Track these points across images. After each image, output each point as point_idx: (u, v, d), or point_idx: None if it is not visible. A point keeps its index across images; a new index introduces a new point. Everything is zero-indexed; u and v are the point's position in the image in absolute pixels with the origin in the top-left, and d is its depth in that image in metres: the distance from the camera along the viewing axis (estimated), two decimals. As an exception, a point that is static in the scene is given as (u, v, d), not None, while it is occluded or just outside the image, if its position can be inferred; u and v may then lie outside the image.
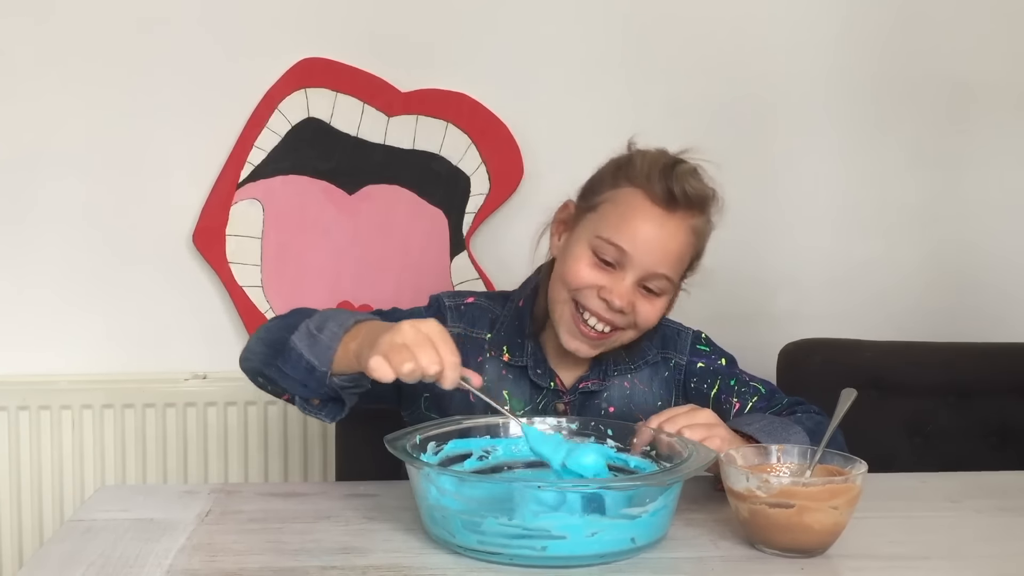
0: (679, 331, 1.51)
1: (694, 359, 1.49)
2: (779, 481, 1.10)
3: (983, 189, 2.23)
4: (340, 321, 1.24)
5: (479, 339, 1.46)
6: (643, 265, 1.36)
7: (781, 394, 1.48)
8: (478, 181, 2.13)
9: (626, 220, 1.36)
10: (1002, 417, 1.84)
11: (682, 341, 1.50)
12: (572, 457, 1.19)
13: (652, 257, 1.36)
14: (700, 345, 1.51)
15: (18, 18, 2.04)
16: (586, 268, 1.37)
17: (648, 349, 1.47)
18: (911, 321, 2.18)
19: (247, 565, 1.07)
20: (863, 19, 2.18)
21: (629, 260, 1.35)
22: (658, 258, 1.36)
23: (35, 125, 2.06)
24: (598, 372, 1.45)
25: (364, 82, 2.10)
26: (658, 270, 1.36)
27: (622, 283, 1.36)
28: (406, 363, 1.12)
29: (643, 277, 1.36)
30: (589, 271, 1.37)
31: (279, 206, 2.11)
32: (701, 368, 1.49)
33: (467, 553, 1.09)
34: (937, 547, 1.15)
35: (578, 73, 2.13)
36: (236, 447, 2.10)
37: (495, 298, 1.52)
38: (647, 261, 1.35)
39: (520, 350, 1.45)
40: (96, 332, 2.11)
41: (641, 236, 1.35)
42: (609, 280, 1.36)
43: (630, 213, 1.36)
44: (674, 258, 1.37)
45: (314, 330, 1.24)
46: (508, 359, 1.44)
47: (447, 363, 1.14)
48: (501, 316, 1.48)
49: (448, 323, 1.44)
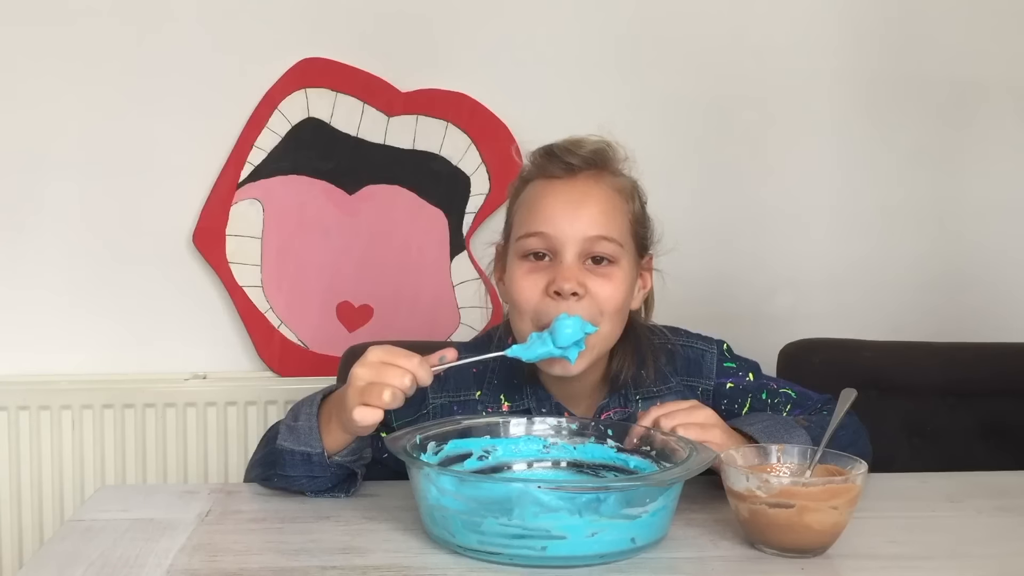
0: (703, 353, 1.44)
1: (722, 380, 1.43)
2: (779, 481, 1.10)
3: (983, 189, 2.23)
4: (308, 403, 1.25)
5: (469, 401, 1.38)
6: (573, 236, 1.30)
7: (810, 395, 1.45)
8: (478, 181, 2.13)
9: (535, 206, 1.33)
10: (1002, 417, 1.84)
11: (707, 364, 1.43)
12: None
13: (577, 224, 1.30)
14: (726, 362, 1.45)
15: (18, 18, 2.04)
16: (524, 277, 1.31)
17: (671, 375, 1.41)
18: (911, 321, 2.18)
19: (247, 565, 1.07)
20: (862, 19, 2.18)
21: (557, 241, 1.30)
22: (584, 223, 1.30)
23: (36, 125, 2.06)
24: (618, 399, 1.39)
25: (364, 82, 2.10)
26: (590, 232, 1.30)
27: (563, 265, 1.29)
28: (384, 394, 1.13)
29: (582, 250, 1.30)
30: (528, 279, 1.31)
31: (279, 206, 2.11)
32: (731, 389, 1.43)
33: (467, 553, 1.09)
34: (937, 547, 1.15)
35: (578, 73, 2.14)
36: (236, 447, 2.10)
37: (478, 345, 1.43)
38: (573, 230, 1.30)
39: (519, 393, 1.38)
40: (96, 332, 2.11)
41: (555, 210, 1.31)
42: (550, 272, 1.30)
43: (536, 199, 1.33)
44: (600, 217, 1.31)
45: (290, 423, 1.24)
46: (508, 407, 1.37)
47: (412, 368, 1.14)
48: (489, 363, 1.38)
49: (430, 396, 1.36)
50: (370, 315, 2.14)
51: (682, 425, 1.21)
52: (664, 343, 1.43)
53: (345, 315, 2.14)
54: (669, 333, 1.45)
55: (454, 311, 2.15)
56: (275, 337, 2.13)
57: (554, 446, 1.28)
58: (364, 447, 1.26)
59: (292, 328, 2.13)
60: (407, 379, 1.14)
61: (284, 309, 2.13)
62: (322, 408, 1.24)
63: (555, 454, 1.28)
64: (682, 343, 1.44)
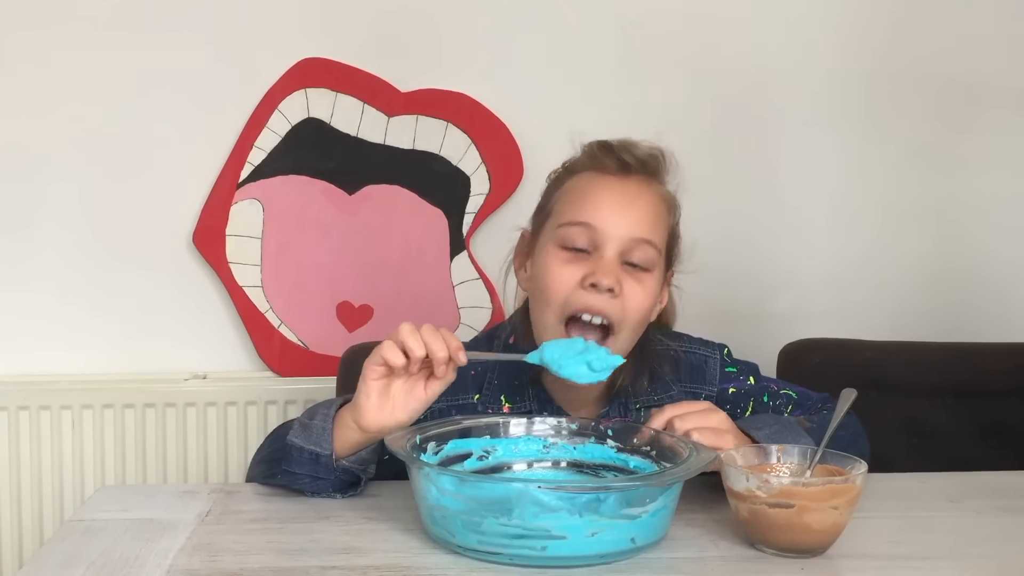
0: (706, 359, 1.43)
1: (725, 386, 1.42)
2: (779, 481, 1.10)
3: (983, 189, 2.23)
4: (327, 405, 1.25)
5: (467, 405, 1.37)
6: (617, 234, 1.29)
7: (810, 395, 1.45)
8: (478, 181, 2.13)
9: (585, 197, 1.31)
10: (1002, 417, 1.84)
11: (710, 370, 1.43)
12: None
13: (624, 223, 1.29)
14: (728, 367, 1.44)
15: (18, 19, 2.04)
16: (561, 266, 1.29)
17: (672, 383, 1.40)
18: (911, 321, 2.18)
19: (247, 565, 1.07)
20: (862, 19, 2.18)
21: (601, 235, 1.29)
22: (631, 222, 1.29)
23: (36, 125, 2.06)
24: (617, 408, 1.38)
25: (364, 82, 2.10)
26: (635, 234, 1.29)
27: (603, 260, 1.28)
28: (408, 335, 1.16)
29: (624, 249, 1.29)
30: (565, 268, 1.29)
31: (279, 206, 2.11)
32: (733, 394, 1.42)
33: (467, 553, 1.09)
34: (937, 547, 1.15)
35: (578, 73, 2.14)
36: (236, 447, 2.10)
37: (478, 346, 1.42)
38: (620, 229, 1.29)
39: (520, 394, 1.37)
40: (96, 332, 2.11)
41: (606, 205, 1.29)
42: (589, 264, 1.28)
43: (587, 189, 1.32)
44: (647, 220, 1.30)
45: (305, 420, 1.24)
46: (509, 409, 1.36)
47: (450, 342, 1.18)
48: (488, 364, 1.38)
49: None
50: (370, 315, 2.14)
51: (696, 429, 1.20)
52: (666, 350, 1.42)
53: (345, 315, 2.14)
54: (671, 339, 1.44)
55: (454, 311, 2.15)
56: (275, 337, 2.13)
57: (554, 446, 1.28)
58: (371, 461, 1.25)
59: (292, 328, 2.13)
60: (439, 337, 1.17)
61: (284, 309, 2.13)
62: (339, 413, 1.23)
63: (555, 454, 1.28)
64: (685, 349, 1.43)
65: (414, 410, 1.21)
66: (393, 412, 1.20)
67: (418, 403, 1.20)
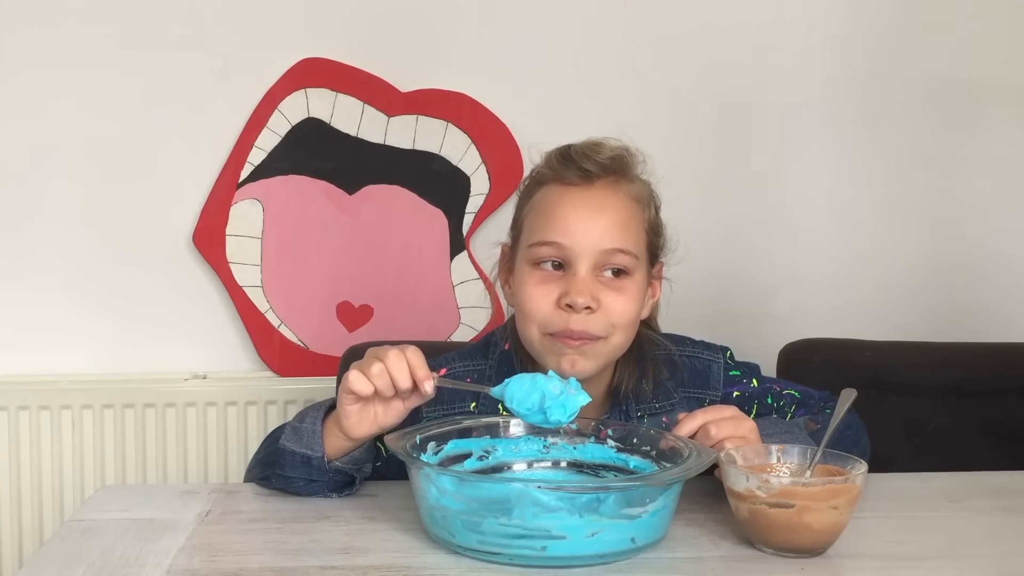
0: (710, 363, 1.41)
1: (729, 390, 1.40)
2: (779, 481, 1.10)
3: (983, 188, 2.23)
4: (316, 407, 1.26)
5: (464, 413, 1.34)
6: (588, 248, 1.25)
7: (812, 394, 1.44)
8: (478, 181, 2.13)
9: (550, 214, 1.28)
10: (1002, 417, 1.84)
11: (714, 374, 1.40)
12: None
13: (593, 235, 1.25)
14: (731, 371, 1.42)
15: (19, 20, 2.04)
16: (535, 287, 1.27)
17: (674, 389, 1.38)
18: (911, 321, 2.19)
19: (247, 565, 1.07)
20: (862, 19, 2.18)
21: (571, 252, 1.26)
22: (600, 233, 1.26)
23: (37, 126, 2.06)
24: (618, 414, 1.35)
25: (364, 82, 2.10)
26: (606, 245, 1.26)
27: (576, 277, 1.25)
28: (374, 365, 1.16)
29: (597, 262, 1.26)
30: (539, 289, 1.27)
31: (279, 206, 2.11)
32: (737, 397, 1.40)
33: (467, 553, 1.09)
34: (937, 547, 1.15)
35: (578, 73, 2.14)
36: (236, 447, 2.10)
37: (475, 352, 1.41)
38: (589, 241, 1.25)
39: None
40: (96, 332, 2.11)
41: (570, 220, 1.26)
42: (562, 283, 1.26)
43: (551, 205, 1.29)
44: (617, 228, 1.27)
45: (296, 424, 1.24)
46: (506, 415, 1.34)
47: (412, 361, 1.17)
48: (486, 370, 1.37)
49: (424, 410, 1.31)
50: (370, 315, 2.14)
51: (729, 438, 1.19)
52: (668, 354, 1.40)
53: (345, 315, 2.14)
54: (673, 343, 1.42)
55: (454, 311, 2.15)
56: (275, 337, 2.13)
57: (554, 446, 1.28)
58: (365, 460, 1.26)
59: (292, 328, 2.13)
60: (404, 367, 1.16)
61: (284, 309, 2.13)
62: (328, 415, 1.24)
63: (555, 454, 1.28)
64: (688, 354, 1.41)
65: (397, 417, 1.21)
66: (376, 421, 1.20)
67: (398, 415, 1.21)
